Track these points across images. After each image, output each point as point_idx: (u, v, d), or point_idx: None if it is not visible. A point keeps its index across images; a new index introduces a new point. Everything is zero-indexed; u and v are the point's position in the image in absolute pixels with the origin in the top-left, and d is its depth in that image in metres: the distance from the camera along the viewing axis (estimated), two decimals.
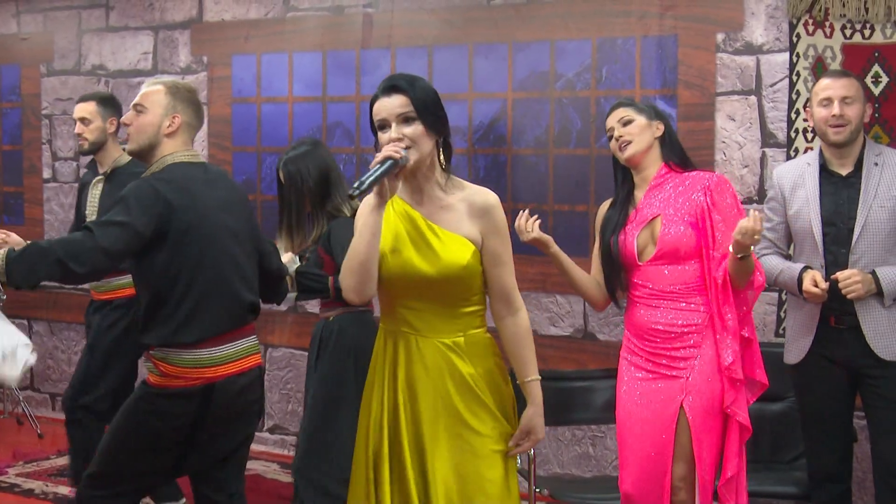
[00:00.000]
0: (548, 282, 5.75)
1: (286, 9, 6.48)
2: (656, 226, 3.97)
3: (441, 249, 3.18)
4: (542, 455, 5.76)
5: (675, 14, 5.39)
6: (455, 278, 3.19)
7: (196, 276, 3.66)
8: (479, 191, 3.30)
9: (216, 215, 3.73)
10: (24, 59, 7.53)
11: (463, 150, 5.94)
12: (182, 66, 6.87)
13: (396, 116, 3.16)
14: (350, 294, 3.17)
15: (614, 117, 4.08)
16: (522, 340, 3.34)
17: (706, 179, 3.98)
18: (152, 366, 3.72)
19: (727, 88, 5.30)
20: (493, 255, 3.25)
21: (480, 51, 5.90)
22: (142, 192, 3.61)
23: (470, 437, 3.21)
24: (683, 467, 3.88)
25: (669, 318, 3.93)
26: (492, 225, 3.25)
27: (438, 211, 3.23)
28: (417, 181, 3.23)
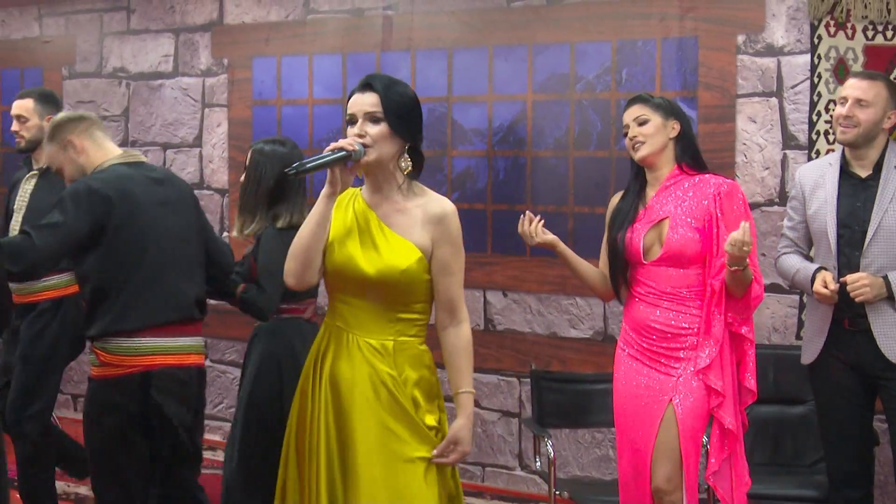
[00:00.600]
0: (567, 284, 5.74)
1: (306, 11, 6.50)
2: (664, 227, 3.96)
3: (385, 251, 3.20)
4: (562, 457, 5.76)
5: (696, 16, 5.37)
6: (393, 281, 3.19)
7: (135, 268, 3.79)
8: (437, 199, 3.32)
9: (154, 210, 3.86)
10: (47, 62, 7.56)
11: (482, 153, 5.94)
12: (202, 68, 6.89)
13: (364, 113, 3.19)
14: (289, 278, 3.23)
15: (630, 114, 4.06)
16: (461, 352, 3.33)
17: (717, 186, 3.95)
18: (94, 357, 3.88)
19: (748, 90, 5.28)
20: (442, 264, 3.26)
21: (500, 53, 5.90)
22: (77, 192, 3.77)
23: (390, 440, 3.18)
24: (669, 467, 3.87)
25: (668, 319, 3.93)
26: (444, 233, 3.27)
27: (394, 213, 3.25)
28: (377, 181, 3.26)
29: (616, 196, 4.22)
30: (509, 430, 5.99)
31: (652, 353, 3.96)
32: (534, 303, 5.87)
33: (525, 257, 5.85)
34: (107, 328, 3.80)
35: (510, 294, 5.94)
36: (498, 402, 5.99)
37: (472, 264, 5.97)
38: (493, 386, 6.00)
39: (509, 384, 5.97)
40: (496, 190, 5.93)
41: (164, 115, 7.04)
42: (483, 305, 6.02)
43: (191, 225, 4.03)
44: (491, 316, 6.00)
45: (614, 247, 4.08)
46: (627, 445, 4.02)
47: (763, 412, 4.92)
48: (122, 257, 3.79)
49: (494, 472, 6.04)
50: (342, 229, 3.24)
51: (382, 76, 3.30)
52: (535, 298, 5.87)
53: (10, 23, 7.73)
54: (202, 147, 6.93)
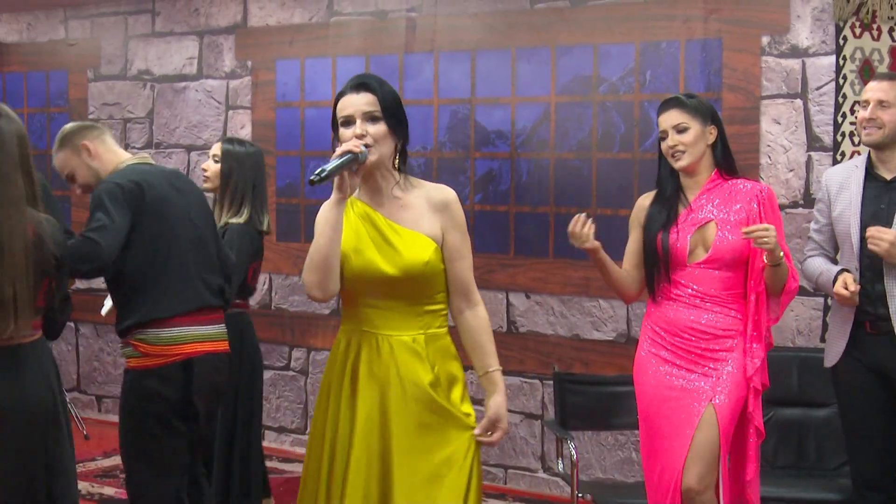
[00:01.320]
0: (591, 286, 5.73)
1: (330, 13, 6.51)
2: (709, 230, 3.94)
3: (403, 248, 3.19)
4: (585, 460, 5.75)
5: (720, 17, 5.36)
6: (418, 275, 3.19)
7: (167, 257, 3.91)
8: (438, 187, 3.34)
9: (178, 201, 4.00)
10: (72, 65, 7.61)
11: (506, 155, 5.94)
12: (226, 70, 6.91)
13: (363, 114, 3.16)
14: (314, 290, 3.16)
15: (669, 119, 4.00)
16: (483, 331, 3.33)
17: (759, 190, 3.96)
18: (132, 349, 3.92)
19: (772, 92, 5.26)
20: (453, 249, 3.27)
21: (523, 55, 5.90)
22: (111, 191, 3.87)
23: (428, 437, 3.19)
24: (702, 467, 3.84)
25: (709, 320, 3.91)
26: (451, 220, 3.28)
27: (398, 210, 3.25)
28: (376, 182, 3.24)
29: (645, 197, 4.18)
30: (532, 432, 5.98)
31: (689, 354, 3.93)
32: (556, 305, 5.87)
33: (548, 259, 5.84)
34: (143, 318, 3.88)
35: (533, 296, 5.94)
36: (520, 404, 5.99)
37: (494, 266, 5.99)
38: (516, 388, 6.00)
39: (532, 386, 5.97)
40: (519, 192, 5.93)
41: (189, 117, 7.07)
42: (506, 307, 6.02)
43: (208, 216, 4.19)
44: (514, 318, 6.00)
45: (653, 247, 4.03)
46: (658, 447, 3.98)
47: (787, 415, 4.91)
48: (156, 247, 3.90)
49: (517, 474, 6.04)
50: (351, 236, 3.21)
51: (371, 75, 3.28)
52: (557, 300, 5.86)
53: (35, 26, 7.78)
54: None
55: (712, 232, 3.93)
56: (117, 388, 7.50)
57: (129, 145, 7.38)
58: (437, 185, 3.34)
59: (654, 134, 5.51)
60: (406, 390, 3.18)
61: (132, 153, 4.26)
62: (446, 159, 6.12)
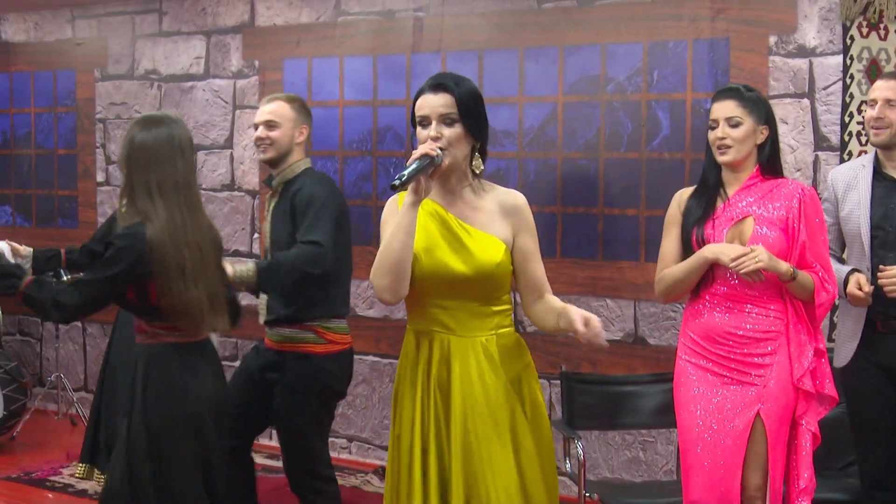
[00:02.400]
0: (598, 286, 5.73)
1: (337, 13, 6.51)
2: (746, 226, 3.85)
3: (475, 248, 3.20)
4: (592, 459, 5.75)
5: (727, 17, 5.36)
6: (489, 276, 3.21)
7: (348, 258, 4.62)
8: (508, 191, 3.36)
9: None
10: (79, 65, 7.62)
11: (513, 154, 5.94)
12: (234, 70, 6.92)
13: (439, 115, 3.17)
14: (385, 294, 3.16)
15: (723, 110, 3.89)
16: (555, 301, 3.36)
17: (802, 190, 3.88)
18: (316, 336, 4.47)
19: (779, 91, 5.26)
20: (526, 251, 3.31)
21: (531, 54, 5.90)
22: (326, 197, 4.42)
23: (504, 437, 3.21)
24: (759, 476, 3.79)
25: (748, 324, 3.82)
26: (522, 223, 3.31)
27: (470, 212, 3.26)
28: (451, 183, 3.26)
29: (684, 192, 4.07)
30: None
31: (730, 363, 3.84)
32: None
33: (555, 258, 5.85)
34: (333, 311, 4.51)
35: None
36: None
37: None
38: None
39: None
40: (526, 192, 5.83)
41: (196, 116, 7.08)
42: (513, 307, 6.00)
43: None
44: (521, 317, 5.99)
45: (688, 242, 3.93)
46: (700, 459, 3.86)
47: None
48: (347, 246, 4.57)
49: None
50: (421, 235, 3.20)
51: (451, 74, 3.27)
52: (564, 300, 5.83)
53: (43, 25, 7.79)
54: (233, 149, 6.96)
55: (750, 227, 3.84)
56: None
57: None
58: (508, 190, 3.36)
59: (662, 134, 5.53)
60: (481, 391, 3.19)
61: None
62: None
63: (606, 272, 5.72)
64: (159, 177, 3.55)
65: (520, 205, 3.33)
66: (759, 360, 3.82)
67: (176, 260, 3.52)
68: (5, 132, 8.00)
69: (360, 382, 6.45)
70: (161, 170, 3.55)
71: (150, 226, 3.50)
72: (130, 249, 3.50)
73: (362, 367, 6.41)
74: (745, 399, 3.81)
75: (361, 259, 6.29)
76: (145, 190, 3.55)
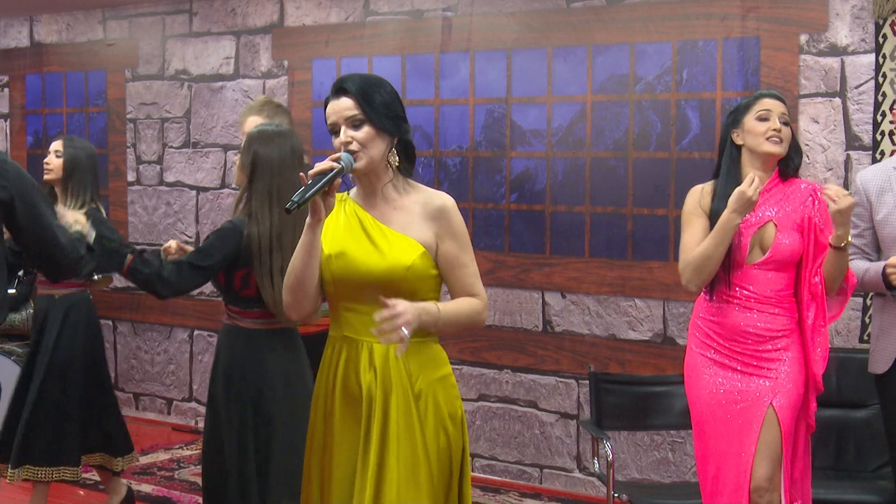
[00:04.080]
0: (627, 285, 5.71)
1: (366, 13, 6.52)
2: (768, 231, 3.89)
3: (387, 249, 3.06)
4: (621, 460, 5.73)
5: (758, 15, 5.33)
6: (399, 279, 3.04)
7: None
8: (435, 193, 3.18)
9: None
10: (110, 65, 7.66)
11: (541, 154, 5.93)
12: (263, 70, 6.94)
13: (345, 120, 3.06)
14: (289, 311, 3.15)
15: (778, 106, 3.93)
16: (463, 300, 3.13)
17: (813, 190, 3.93)
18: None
19: (811, 90, 5.23)
20: (450, 258, 3.13)
21: (559, 54, 5.89)
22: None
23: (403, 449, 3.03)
24: (769, 467, 3.82)
25: (764, 322, 3.87)
26: (447, 228, 3.12)
27: (391, 212, 3.13)
28: (370, 183, 3.13)
29: (698, 190, 4.05)
30: (567, 432, 5.97)
31: (745, 357, 3.89)
32: (592, 304, 5.85)
33: (584, 258, 5.83)
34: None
35: (569, 295, 5.93)
36: (556, 404, 5.98)
37: (530, 265, 5.99)
38: (552, 387, 5.99)
39: (567, 386, 5.96)
40: (555, 191, 5.92)
41: (226, 116, 7.10)
42: (542, 307, 6.01)
43: None
44: (549, 317, 5.99)
45: None
46: (714, 450, 3.92)
47: (825, 416, 4.85)
48: None
49: (552, 474, 6.03)
50: (338, 237, 3.12)
51: (353, 76, 3.13)
52: (593, 300, 5.85)
53: (74, 26, 7.85)
54: None
55: (771, 233, 3.88)
56: (155, 387, 7.59)
57: (166, 145, 7.43)
58: (437, 192, 3.19)
59: (691, 133, 5.50)
60: (387, 400, 3.04)
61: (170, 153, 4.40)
62: (482, 158, 6.12)
63: (635, 272, 5.70)
64: (280, 184, 3.95)
65: (445, 207, 3.13)
66: (773, 355, 3.88)
67: (271, 259, 3.92)
68: (38, 132, 8.05)
69: None
70: (282, 179, 3.96)
71: (255, 225, 3.92)
72: (227, 242, 3.95)
73: None
74: (760, 390, 3.86)
75: None
76: (265, 195, 3.95)
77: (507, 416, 6.15)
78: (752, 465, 3.82)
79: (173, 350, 7.42)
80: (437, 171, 6.19)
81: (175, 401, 7.47)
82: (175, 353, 7.40)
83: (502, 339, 6.11)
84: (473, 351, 6.15)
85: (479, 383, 6.21)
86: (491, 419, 6.19)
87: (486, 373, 6.19)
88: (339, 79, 3.14)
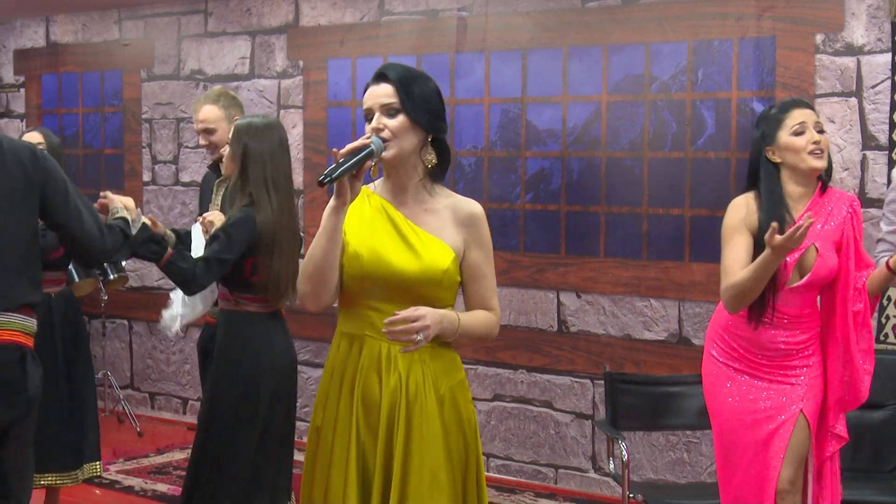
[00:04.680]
0: (642, 285, 5.71)
1: (381, 13, 6.53)
2: (809, 254, 3.76)
3: (423, 251, 2.98)
4: (636, 460, 5.73)
5: (773, 15, 5.31)
6: (434, 282, 2.97)
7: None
8: (466, 200, 3.10)
9: None
10: (126, 65, 7.69)
11: (557, 153, 5.93)
12: (278, 70, 6.95)
13: (380, 106, 2.97)
14: (307, 301, 2.98)
15: (810, 116, 3.78)
16: (480, 314, 3.08)
17: (849, 200, 3.82)
18: None
19: (826, 90, 5.21)
20: (474, 267, 3.06)
21: (575, 54, 5.88)
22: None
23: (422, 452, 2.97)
24: (792, 471, 3.80)
25: (793, 337, 3.81)
26: (476, 236, 3.06)
27: (422, 213, 3.04)
28: (400, 178, 3.04)
29: (742, 205, 3.83)
30: (582, 433, 5.97)
31: (772, 369, 3.84)
32: (608, 304, 5.85)
33: (599, 258, 5.83)
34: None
35: (584, 295, 5.92)
36: (571, 404, 5.98)
37: (545, 265, 5.99)
38: (567, 388, 5.99)
39: (583, 386, 5.95)
40: (570, 191, 5.92)
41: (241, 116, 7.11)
42: (556, 307, 6.00)
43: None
44: (564, 317, 5.99)
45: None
46: (741, 458, 3.86)
47: None
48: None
49: (567, 474, 6.02)
50: (364, 232, 3.01)
51: (397, 65, 3.06)
52: (608, 300, 5.85)
53: (90, 26, 7.87)
54: None
55: (812, 257, 3.76)
56: (170, 386, 7.61)
57: (181, 145, 7.45)
58: (467, 199, 3.11)
59: (707, 133, 5.49)
60: (411, 404, 2.97)
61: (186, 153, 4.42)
62: (497, 158, 6.12)
63: (651, 272, 5.69)
64: (272, 172, 4.20)
65: (476, 215, 3.07)
66: (798, 363, 3.84)
67: (276, 243, 4.15)
68: (54, 132, 8.07)
69: None
70: (273, 166, 4.21)
71: (261, 212, 4.13)
72: (246, 231, 4.11)
73: None
74: (789, 395, 3.82)
75: None
76: (261, 183, 4.18)
77: (522, 416, 6.15)
78: (779, 470, 3.79)
79: (189, 350, 7.44)
80: (453, 171, 6.19)
81: (191, 400, 7.49)
82: (190, 352, 7.41)
83: (517, 339, 6.11)
84: (488, 351, 6.15)
85: (494, 383, 6.21)
86: (506, 419, 6.20)
87: (501, 373, 6.19)
88: (382, 66, 3.07)
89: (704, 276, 5.48)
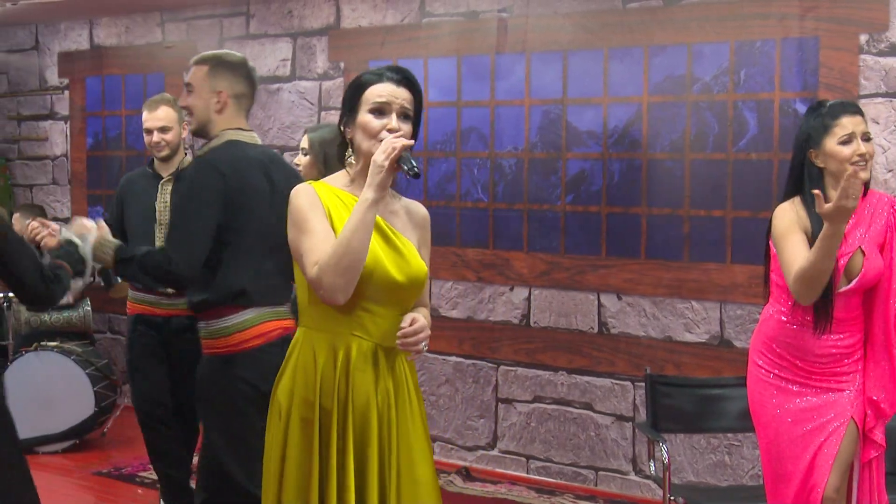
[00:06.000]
0: (683, 287, 5.68)
1: (422, 14, 6.54)
2: (856, 258, 3.74)
3: (409, 256, 3.07)
4: (677, 463, 5.70)
5: (817, 15, 5.28)
6: (419, 285, 3.09)
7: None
8: (415, 203, 3.23)
9: None
10: (169, 67, 7.74)
11: (597, 155, 5.91)
12: (319, 72, 6.98)
13: (400, 108, 3.04)
14: (338, 294, 2.93)
15: (860, 124, 3.74)
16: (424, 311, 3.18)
17: (889, 202, 3.80)
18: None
19: (871, 91, 5.17)
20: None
21: (616, 55, 5.87)
22: None
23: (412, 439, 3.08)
24: (839, 478, 3.78)
25: (842, 342, 3.79)
26: (426, 237, 3.19)
27: (388, 215, 3.10)
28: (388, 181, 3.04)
29: (790, 208, 3.79)
30: (623, 435, 5.95)
31: (821, 376, 3.82)
32: (648, 306, 5.83)
33: (640, 260, 5.81)
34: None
35: (625, 297, 5.90)
36: (612, 406, 5.96)
37: (586, 267, 5.97)
38: (607, 389, 5.97)
39: (623, 388, 5.93)
40: (611, 192, 5.90)
41: (282, 118, 7.15)
42: (597, 308, 5.99)
43: None
44: (605, 319, 5.97)
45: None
46: (794, 470, 3.83)
47: None
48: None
49: (608, 477, 6.01)
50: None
51: (411, 74, 3.14)
52: (649, 302, 5.82)
53: (133, 29, 7.94)
54: None
55: (859, 261, 3.74)
56: None
57: None
58: (413, 201, 3.23)
59: (749, 134, 5.46)
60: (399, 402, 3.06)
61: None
62: (537, 160, 6.11)
63: (692, 274, 5.67)
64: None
65: (427, 218, 3.21)
66: (846, 369, 3.82)
67: None
68: (97, 134, 8.16)
69: (443, 383, 6.46)
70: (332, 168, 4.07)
71: None
72: None
73: (445, 367, 6.43)
74: (840, 402, 3.80)
75: (445, 260, 6.31)
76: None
77: (561, 417, 6.14)
78: (827, 478, 3.77)
79: None
80: (493, 172, 6.19)
81: None
82: None
83: (557, 340, 6.10)
84: (528, 352, 6.14)
85: (534, 385, 6.20)
86: (546, 421, 6.18)
87: (541, 374, 6.18)
88: (397, 67, 3.12)
89: (746, 278, 5.45)
